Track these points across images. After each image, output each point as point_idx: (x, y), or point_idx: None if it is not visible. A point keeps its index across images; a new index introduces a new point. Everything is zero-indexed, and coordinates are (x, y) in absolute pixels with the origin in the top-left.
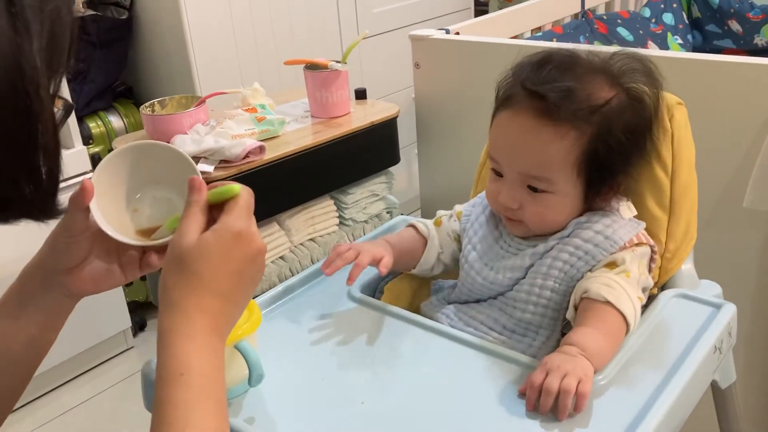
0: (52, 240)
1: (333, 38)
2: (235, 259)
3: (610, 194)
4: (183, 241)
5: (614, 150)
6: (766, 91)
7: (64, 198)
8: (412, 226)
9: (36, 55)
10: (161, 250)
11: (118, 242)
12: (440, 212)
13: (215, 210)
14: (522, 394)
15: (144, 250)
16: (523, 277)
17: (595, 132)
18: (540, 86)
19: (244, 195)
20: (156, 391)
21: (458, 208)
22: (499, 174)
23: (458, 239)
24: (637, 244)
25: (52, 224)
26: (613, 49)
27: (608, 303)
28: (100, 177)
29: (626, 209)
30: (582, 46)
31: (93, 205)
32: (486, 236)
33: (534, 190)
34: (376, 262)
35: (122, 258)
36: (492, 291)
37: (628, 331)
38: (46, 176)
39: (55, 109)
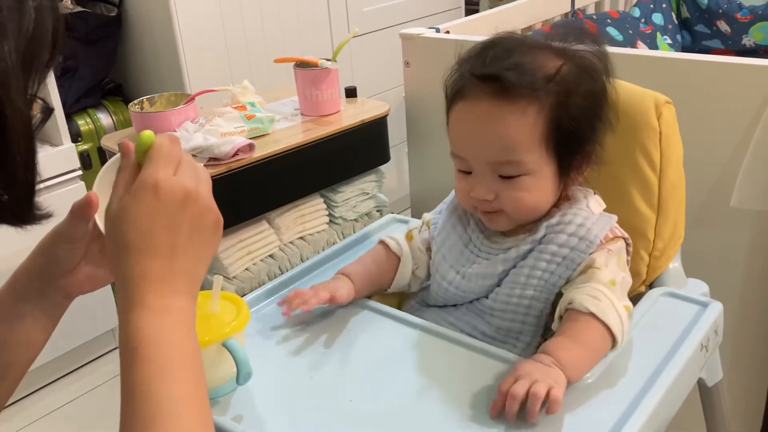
0: (48, 247)
1: (323, 36)
2: (164, 213)
3: (583, 165)
4: (109, 209)
5: (577, 116)
6: (753, 91)
7: (46, 200)
8: (383, 243)
9: (9, 55)
10: None
11: None
12: (412, 225)
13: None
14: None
15: None
16: (498, 285)
17: (554, 101)
18: (489, 68)
19: (157, 142)
20: (120, 373)
21: (427, 216)
22: (466, 171)
23: (430, 249)
24: (612, 239)
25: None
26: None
27: (591, 314)
28: (100, 185)
29: (595, 203)
30: None
31: (98, 218)
32: (455, 242)
33: (506, 177)
34: (333, 299)
35: None
36: (465, 298)
37: (615, 343)
38: (20, 182)
39: (33, 113)
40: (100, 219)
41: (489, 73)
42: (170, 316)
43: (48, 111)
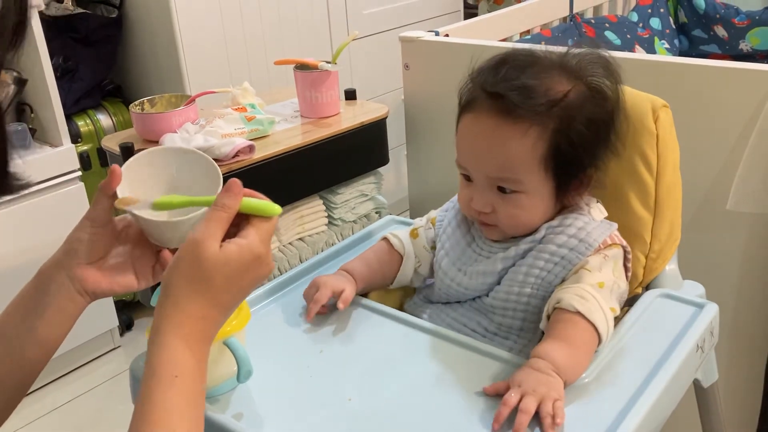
0: (74, 232)
1: (323, 39)
2: (246, 278)
3: (581, 189)
4: (206, 245)
5: (577, 143)
6: (749, 95)
7: (45, 201)
8: (386, 239)
9: None
10: (174, 249)
11: (135, 246)
12: (417, 222)
13: (239, 216)
14: (488, 393)
15: (158, 256)
16: (498, 283)
17: (556, 126)
18: (497, 86)
19: (276, 219)
20: (144, 388)
21: (433, 214)
22: (469, 179)
23: (435, 247)
24: (610, 245)
25: (60, 221)
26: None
27: (579, 314)
28: (129, 170)
29: (597, 211)
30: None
31: (120, 189)
32: (458, 241)
33: (504, 191)
34: (336, 296)
35: (137, 263)
36: (468, 295)
37: (600, 342)
38: None
39: (5, 82)
40: (125, 191)
41: (496, 91)
42: (203, 361)
43: (21, 82)
